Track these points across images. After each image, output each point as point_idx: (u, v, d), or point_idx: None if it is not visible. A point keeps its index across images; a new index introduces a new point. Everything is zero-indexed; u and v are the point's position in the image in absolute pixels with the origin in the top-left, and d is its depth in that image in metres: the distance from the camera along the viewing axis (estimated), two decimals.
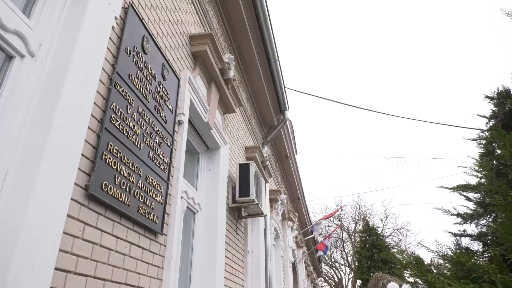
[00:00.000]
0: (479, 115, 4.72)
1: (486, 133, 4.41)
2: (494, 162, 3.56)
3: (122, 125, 2.30)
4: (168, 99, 3.03)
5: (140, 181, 2.44)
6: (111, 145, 2.16)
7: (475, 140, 4.57)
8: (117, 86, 2.28)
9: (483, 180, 3.39)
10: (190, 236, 3.84)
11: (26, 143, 1.66)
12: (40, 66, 1.82)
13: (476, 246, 3.83)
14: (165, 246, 2.75)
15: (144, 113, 2.60)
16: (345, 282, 36.99)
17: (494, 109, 4.59)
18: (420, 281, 2.67)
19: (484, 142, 4.14)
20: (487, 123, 4.66)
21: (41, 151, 1.64)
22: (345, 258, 36.80)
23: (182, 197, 3.38)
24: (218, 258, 3.85)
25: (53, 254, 1.63)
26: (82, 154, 1.91)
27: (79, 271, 1.83)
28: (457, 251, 3.25)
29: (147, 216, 2.48)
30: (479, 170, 3.45)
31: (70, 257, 1.78)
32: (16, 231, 1.48)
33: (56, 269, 1.66)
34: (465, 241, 4.25)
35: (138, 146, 2.48)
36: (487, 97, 4.85)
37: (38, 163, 1.61)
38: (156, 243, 2.62)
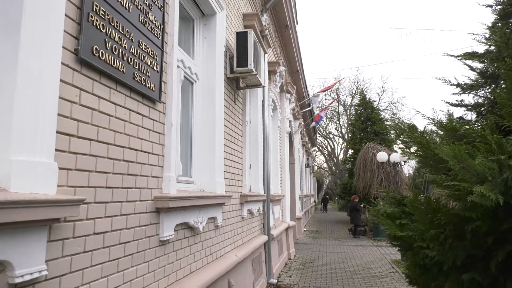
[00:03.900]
0: None
1: None
2: (508, 29, 3.36)
3: None
4: None
5: (132, 46, 2.32)
6: (96, 6, 1.98)
7: (490, 6, 4.25)
8: None
9: (492, 48, 3.25)
10: (189, 105, 3.87)
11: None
12: None
13: (470, 116, 3.92)
14: (164, 113, 2.78)
15: None
16: (337, 152, 39.61)
17: None
18: (411, 150, 2.79)
19: (500, 7, 3.84)
20: None
21: (20, 8, 1.49)
22: (339, 130, 38.60)
23: (178, 66, 3.29)
24: (217, 126, 3.96)
25: (52, 117, 1.63)
26: (65, 15, 1.76)
27: (81, 135, 1.87)
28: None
29: (143, 83, 2.43)
30: (490, 37, 3.28)
31: (71, 122, 1.80)
32: (10, 94, 1.45)
33: (58, 132, 1.69)
34: (460, 112, 4.33)
35: (127, 7, 2.28)
36: None
37: (18, 22, 1.49)
38: (155, 111, 2.65)
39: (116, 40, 2.15)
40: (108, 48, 2.07)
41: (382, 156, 14.92)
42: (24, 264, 1.43)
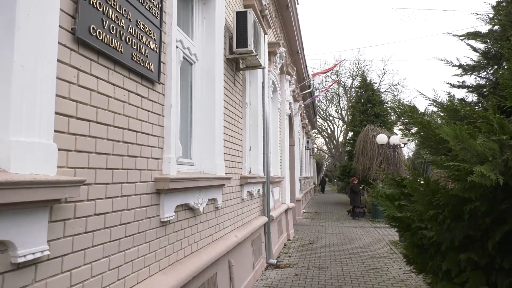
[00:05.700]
0: None
1: None
2: None
3: None
4: None
5: (130, 26, 2.28)
6: None
7: None
8: None
9: (496, 27, 3.19)
10: (188, 87, 3.84)
11: None
12: None
13: (471, 98, 3.88)
14: (163, 95, 2.76)
15: None
16: (337, 134, 39.59)
17: None
18: (412, 131, 2.78)
19: None
20: None
21: None
22: (339, 112, 38.47)
23: (177, 47, 3.25)
24: (217, 108, 3.94)
25: (51, 97, 1.62)
26: None
27: (80, 116, 1.86)
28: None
29: (142, 64, 2.40)
30: (494, 17, 3.22)
31: (69, 103, 1.78)
32: (7, 74, 1.43)
33: (57, 113, 1.68)
34: (461, 94, 4.29)
35: None
36: None
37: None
38: (154, 92, 2.62)
39: (113, 19, 2.11)
40: (105, 27, 2.03)
41: (381, 138, 14.91)
42: (26, 244, 1.45)
